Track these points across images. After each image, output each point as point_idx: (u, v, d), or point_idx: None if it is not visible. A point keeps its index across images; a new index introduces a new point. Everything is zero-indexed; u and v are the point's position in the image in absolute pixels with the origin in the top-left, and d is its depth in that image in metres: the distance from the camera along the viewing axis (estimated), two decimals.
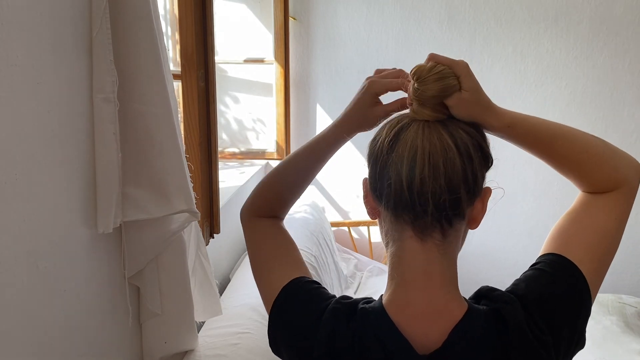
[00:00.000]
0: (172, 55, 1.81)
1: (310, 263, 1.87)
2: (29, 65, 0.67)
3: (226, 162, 2.46)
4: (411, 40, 2.39)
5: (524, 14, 2.29)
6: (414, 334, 0.63)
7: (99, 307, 0.90)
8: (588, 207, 0.71)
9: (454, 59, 0.65)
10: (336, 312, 0.67)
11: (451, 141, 0.62)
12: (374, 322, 0.65)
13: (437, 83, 0.64)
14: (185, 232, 1.05)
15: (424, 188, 0.61)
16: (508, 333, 0.61)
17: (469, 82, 0.64)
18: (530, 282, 0.67)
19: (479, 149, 0.64)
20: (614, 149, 0.71)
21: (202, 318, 1.23)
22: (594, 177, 0.70)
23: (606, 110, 2.34)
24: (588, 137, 0.70)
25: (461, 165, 0.61)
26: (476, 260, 2.49)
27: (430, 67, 0.65)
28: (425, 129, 0.63)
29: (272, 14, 2.31)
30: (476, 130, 0.65)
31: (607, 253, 0.69)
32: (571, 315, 0.65)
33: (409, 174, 0.61)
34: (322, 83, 2.48)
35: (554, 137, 0.70)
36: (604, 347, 1.83)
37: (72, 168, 0.79)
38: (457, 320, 0.62)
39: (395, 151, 0.62)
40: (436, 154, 0.61)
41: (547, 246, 0.71)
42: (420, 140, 0.62)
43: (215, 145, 1.32)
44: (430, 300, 0.64)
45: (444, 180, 0.61)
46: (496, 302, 0.64)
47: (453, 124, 0.64)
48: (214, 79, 1.29)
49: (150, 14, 0.84)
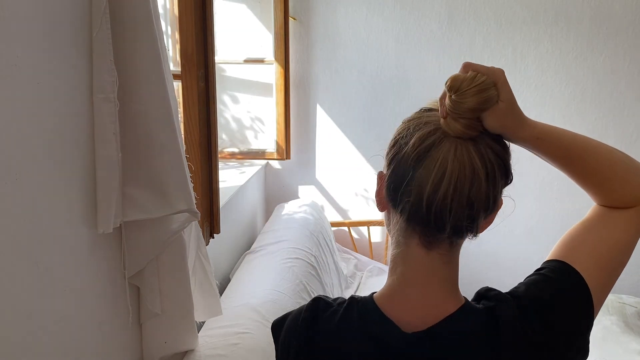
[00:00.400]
0: (172, 55, 1.81)
1: (310, 263, 1.87)
2: (29, 65, 0.67)
3: (226, 162, 2.46)
4: (411, 40, 2.39)
5: (524, 14, 2.29)
6: (401, 320, 0.64)
7: (99, 307, 0.90)
8: (604, 220, 0.69)
9: (490, 67, 0.62)
10: (317, 301, 0.70)
11: (481, 164, 0.60)
12: (360, 308, 0.66)
13: (477, 96, 0.60)
14: (185, 232, 1.05)
15: (444, 210, 0.60)
16: (499, 330, 0.61)
17: (505, 93, 0.61)
18: (531, 285, 0.66)
19: (504, 169, 0.63)
20: (637, 164, 0.69)
21: (202, 318, 1.23)
22: (618, 192, 0.68)
23: (606, 110, 2.34)
24: (615, 152, 0.68)
25: (485, 189, 0.60)
26: (476, 260, 2.49)
27: (471, 77, 0.61)
28: (458, 149, 0.60)
29: (272, 14, 2.31)
30: (503, 147, 0.64)
31: (617, 268, 0.67)
32: (571, 322, 0.64)
33: (432, 195, 0.60)
34: (322, 83, 2.48)
35: (583, 151, 0.68)
36: (604, 347, 1.83)
37: (72, 168, 0.79)
38: (449, 313, 0.63)
39: (423, 168, 0.60)
40: (464, 179, 0.59)
41: (555, 253, 0.70)
42: (450, 162, 0.59)
43: (215, 145, 1.32)
44: (427, 295, 0.65)
45: (466, 204, 0.60)
46: (491, 300, 0.65)
47: (483, 142, 0.62)
48: (214, 79, 1.29)
49: (150, 13, 0.84)
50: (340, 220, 2.64)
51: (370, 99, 2.47)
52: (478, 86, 0.60)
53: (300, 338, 0.67)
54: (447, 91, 0.61)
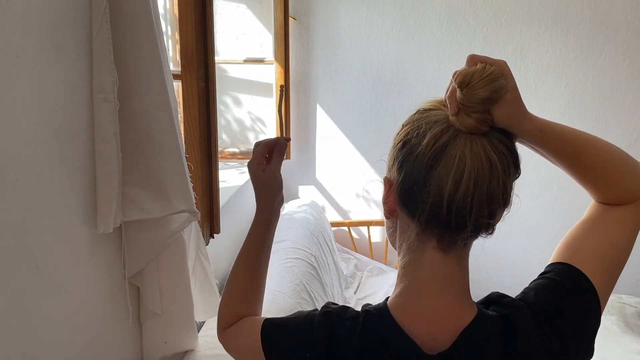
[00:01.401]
0: (172, 55, 1.80)
1: (310, 263, 1.87)
2: (29, 65, 0.67)
3: (226, 162, 2.46)
4: (411, 40, 2.39)
5: (524, 14, 2.29)
6: (421, 336, 0.63)
7: (99, 307, 0.90)
8: (603, 218, 0.70)
9: (495, 59, 0.62)
10: (329, 316, 0.67)
11: (497, 158, 0.60)
12: (377, 323, 0.64)
13: (489, 86, 0.59)
14: (185, 232, 1.05)
15: (465, 208, 0.59)
16: (516, 339, 0.61)
17: (511, 82, 0.61)
18: (540, 291, 0.66)
19: (516, 162, 0.63)
20: (635, 161, 0.69)
21: (202, 318, 1.23)
22: (615, 188, 0.68)
23: (606, 110, 2.34)
24: (613, 148, 0.69)
25: (503, 184, 0.60)
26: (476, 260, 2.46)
27: (481, 69, 0.60)
28: (474, 144, 0.60)
29: (272, 14, 2.31)
30: (511, 141, 0.64)
31: (618, 266, 0.68)
32: (580, 326, 0.64)
33: (453, 193, 0.59)
34: (322, 83, 2.48)
35: (583, 145, 0.68)
36: (604, 347, 1.83)
37: (72, 168, 0.79)
38: (465, 324, 0.62)
39: (441, 166, 0.59)
40: (483, 174, 0.59)
41: (558, 255, 0.70)
42: (469, 157, 0.59)
43: (215, 145, 1.32)
44: (442, 304, 0.64)
45: (486, 200, 0.59)
46: (506, 308, 0.64)
47: (495, 137, 0.61)
48: (214, 79, 1.29)
49: (150, 14, 0.84)
50: (340, 220, 2.64)
51: (370, 99, 2.47)
52: (489, 76, 0.59)
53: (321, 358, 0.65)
54: (457, 87, 0.61)
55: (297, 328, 0.70)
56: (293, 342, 0.69)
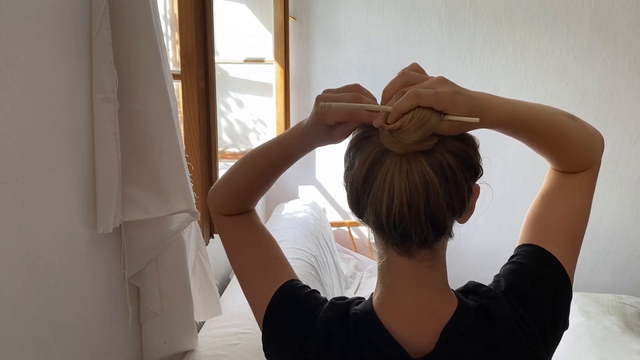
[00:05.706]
0: (172, 55, 1.80)
1: (310, 263, 1.87)
2: (29, 65, 0.67)
3: (226, 162, 2.46)
4: (411, 40, 2.39)
5: (524, 14, 2.29)
6: (406, 336, 0.63)
7: (99, 307, 0.90)
8: (561, 188, 0.71)
9: (429, 77, 0.59)
10: (329, 321, 0.67)
11: (434, 173, 0.55)
12: (366, 327, 0.65)
13: (418, 132, 0.55)
14: (185, 232, 1.05)
15: (406, 227, 0.57)
16: (497, 330, 0.62)
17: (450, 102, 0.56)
18: (509, 277, 0.68)
19: (469, 167, 0.59)
20: (589, 130, 0.71)
21: (202, 318, 1.23)
22: (572, 160, 0.70)
23: (606, 110, 2.33)
24: (568, 123, 0.68)
25: (445, 197, 0.56)
26: (476, 260, 2.48)
27: (410, 118, 0.56)
28: (403, 163, 0.56)
29: (272, 14, 2.31)
30: (465, 143, 0.59)
31: (580, 233, 0.70)
32: (553, 305, 0.66)
33: (387, 218, 0.57)
34: (322, 83, 2.48)
35: (541, 125, 0.67)
36: (604, 347, 1.83)
37: (72, 168, 0.79)
38: (448, 318, 0.63)
39: (373, 192, 0.57)
40: (416, 195, 0.55)
41: (524, 235, 0.72)
42: (397, 180, 0.55)
43: (215, 145, 1.32)
44: (421, 302, 0.64)
45: (426, 216, 0.56)
46: (483, 298, 0.65)
47: (440, 149, 0.57)
48: (214, 79, 1.29)
49: (150, 13, 0.84)
50: (340, 220, 2.63)
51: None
52: (417, 122, 0.55)
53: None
54: (387, 130, 0.57)
55: (299, 325, 0.70)
56: (290, 339, 0.70)
